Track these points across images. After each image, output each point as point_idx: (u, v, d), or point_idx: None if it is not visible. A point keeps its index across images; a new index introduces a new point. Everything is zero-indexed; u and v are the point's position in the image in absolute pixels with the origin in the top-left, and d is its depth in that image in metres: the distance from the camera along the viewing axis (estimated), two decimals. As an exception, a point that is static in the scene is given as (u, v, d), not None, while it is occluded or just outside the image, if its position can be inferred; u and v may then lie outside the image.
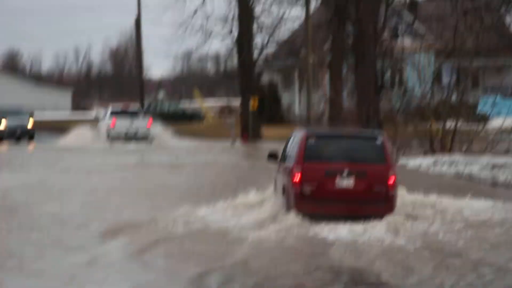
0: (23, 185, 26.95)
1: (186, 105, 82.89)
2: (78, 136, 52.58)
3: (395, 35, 44.08)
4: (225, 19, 51.92)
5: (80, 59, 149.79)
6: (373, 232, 16.42)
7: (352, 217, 17.02)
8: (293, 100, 66.45)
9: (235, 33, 51.60)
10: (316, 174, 17.49)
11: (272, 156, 20.01)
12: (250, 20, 50.95)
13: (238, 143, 49.60)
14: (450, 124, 35.77)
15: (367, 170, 17.62)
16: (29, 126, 55.18)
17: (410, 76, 43.04)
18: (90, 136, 52.66)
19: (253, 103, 51.05)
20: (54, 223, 18.75)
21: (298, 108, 64.72)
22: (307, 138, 17.97)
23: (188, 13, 52.49)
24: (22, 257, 14.88)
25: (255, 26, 52.24)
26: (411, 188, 21.08)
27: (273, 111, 60.87)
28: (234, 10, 51.45)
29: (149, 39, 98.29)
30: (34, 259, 14.88)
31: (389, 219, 17.09)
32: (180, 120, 70.26)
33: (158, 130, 54.15)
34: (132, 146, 48.02)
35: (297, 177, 17.42)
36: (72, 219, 19.02)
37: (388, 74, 40.74)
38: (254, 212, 18.58)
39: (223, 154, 41.65)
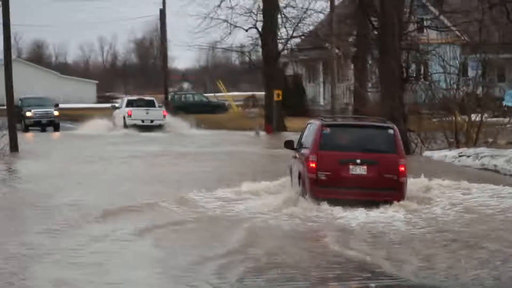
0: (46, 172, 27.20)
1: (211, 96, 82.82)
2: (96, 125, 53.22)
3: (420, 28, 43.85)
4: (249, 11, 51.88)
5: (105, 50, 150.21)
6: (385, 216, 17.18)
7: (364, 202, 17.85)
8: (318, 92, 66.29)
9: (260, 25, 51.52)
10: (330, 162, 18.35)
11: (289, 143, 20.99)
12: (274, 12, 50.83)
13: (262, 134, 49.62)
14: (475, 117, 35.58)
15: (379, 159, 18.45)
16: (55, 115, 55.49)
17: (436, 69, 42.81)
18: (107, 125, 53.48)
19: (277, 95, 50.96)
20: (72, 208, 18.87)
21: (322, 100, 64.56)
22: (322, 128, 18.88)
23: (213, 5, 52.44)
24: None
25: (279, 18, 52.11)
26: (433, 176, 22.00)
27: (297, 102, 60.72)
28: (258, 2, 51.40)
29: (174, 31, 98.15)
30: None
31: (400, 203, 18.08)
32: (204, 111, 70.23)
33: (175, 120, 54.71)
34: (153, 134, 48.34)
35: (312, 165, 18.34)
36: (96, 205, 19.10)
37: (413, 67, 40.54)
38: (271, 197, 19.47)
39: (246, 144, 41.81)
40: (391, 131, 18.89)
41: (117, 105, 57.79)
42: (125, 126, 52.11)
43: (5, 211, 19.17)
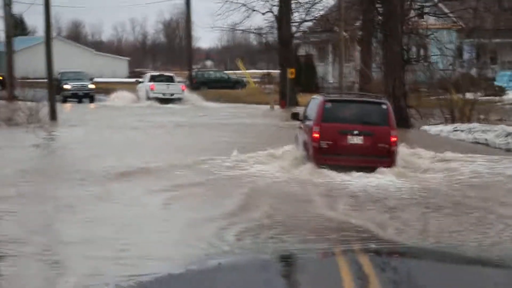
0: (80, 139, 27.42)
1: (231, 73, 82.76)
2: (123, 97, 54.03)
3: (420, 14, 43.64)
4: (266, -3, 51.67)
5: (136, 30, 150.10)
6: (378, 179, 17.87)
7: (360, 168, 18.62)
8: (327, 70, 66.22)
9: (275, 9, 51.37)
10: (331, 133, 19.17)
11: (295, 115, 21.94)
12: (289, -3, 50.64)
13: (276, 108, 49.79)
14: (469, 95, 35.50)
15: (374, 130, 19.24)
16: (90, 88, 55.68)
17: (434, 51, 42.71)
18: (132, 97, 54.23)
19: (290, 73, 50.92)
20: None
21: (331, 78, 64.50)
22: (324, 102, 19.71)
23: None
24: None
25: (293, 3, 51.94)
26: (426, 148, 22.38)
27: (308, 80, 60.67)
28: (275, -12, 51.20)
29: (198, 13, 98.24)
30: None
31: (392, 169, 18.78)
32: (225, 87, 70.29)
33: (196, 94, 55.48)
34: (177, 107, 48.69)
35: (316, 135, 19.17)
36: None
37: (413, 50, 40.40)
38: (278, 161, 20.09)
39: (262, 117, 42.04)
40: (384, 106, 19.67)
41: (141, 80, 58.36)
42: (148, 98, 52.79)
43: (45, 173, 19.36)
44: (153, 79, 54.96)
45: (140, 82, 57.00)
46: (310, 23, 56.27)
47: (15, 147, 24.83)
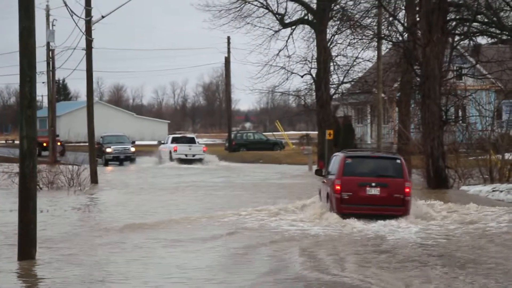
0: (118, 201, 27.60)
1: (269, 134, 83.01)
2: (148, 159, 56.36)
3: (458, 75, 43.58)
4: (305, 60, 52.00)
5: (177, 94, 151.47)
6: (393, 226, 20.17)
7: (378, 216, 20.92)
8: (366, 131, 66.14)
9: (314, 71, 51.58)
10: (351, 185, 21.40)
11: (318, 171, 25.70)
12: (327, 60, 50.84)
13: (315, 169, 49.76)
14: (508, 155, 35.22)
15: (389, 182, 21.44)
16: (132, 151, 56.25)
17: (472, 112, 42.52)
18: (154, 160, 56.48)
19: (328, 134, 50.94)
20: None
21: (369, 139, 64.38)
22: (345, 159, 21.93)
23: (272, 54, 52.62)
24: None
25: (331, 66, 52.12)
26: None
27: (346, 141, 60.45)
28: (312, 52, 51.52)
29: (237, 76, 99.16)
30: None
31: (405, 217, 21.12)
32: (264, 148, 70.44)
33: (212, 156, 57.68)
34: (202, 167, 49.74)
35: (338, 187, 21.40)
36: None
37: (451, 110, 40.24)
38: (306, 212, 22.86)
39: (300, 177, 42.10)
40: (398, 161, 21.89)
41: (162, 141, 60.03)
42: (171, 159, 54.75)
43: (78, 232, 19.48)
44: (175, 140, 56.75)
45: (162, 143, 58.71)
46: (348, 85, 56.41)
47: (55, 210, 24.97)
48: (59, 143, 61.32)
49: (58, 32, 57.87)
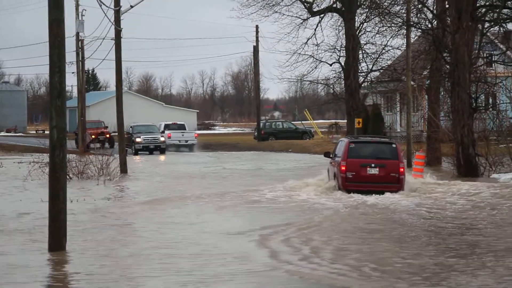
0: (147, 190, 27.66)
1: (298, 123, 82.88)
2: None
3: (488, 62, 43.27)
4: (333, 48, 51.84)
5: (205, 83, 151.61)
6: (390, 199, 23.96)
7: (377, 192, 24.66)
8: (395, 119, 65.83)
9: (342, 60, 51.42)
10: (355, 166, 25.34)
11: (327, 154, 29.27)
12: (356, 48, 50.67)
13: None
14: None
15: (386, 163, 25.38)
16: (161, 141, 56.40)
17: (503, 99, 42.20)
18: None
19: (358, 122, 50.78)
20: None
21: (399, 127, 64.09)
22: (349, 143, 25.91)
23: (300, 42, 52.51)
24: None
25: (360, 54, 51.91)
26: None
27: (376, 129, 60.24)
28: (341, 40, 51.34)
29: (266, 65, 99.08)
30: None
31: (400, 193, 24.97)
32: (292, 137, 70.38)
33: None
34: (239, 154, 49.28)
35: (343, 168, 25.35)
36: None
37: (481, 98, 39.95)
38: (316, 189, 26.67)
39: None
40: (394, 146, 25.98)
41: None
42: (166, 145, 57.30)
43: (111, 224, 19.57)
44: (167, 127, 59.38)
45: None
46: (377, 73, 56.17)
47: (85, 200, 25.10)
48: (108, 135, 61.35)
49: (87, 22, 58.18)
